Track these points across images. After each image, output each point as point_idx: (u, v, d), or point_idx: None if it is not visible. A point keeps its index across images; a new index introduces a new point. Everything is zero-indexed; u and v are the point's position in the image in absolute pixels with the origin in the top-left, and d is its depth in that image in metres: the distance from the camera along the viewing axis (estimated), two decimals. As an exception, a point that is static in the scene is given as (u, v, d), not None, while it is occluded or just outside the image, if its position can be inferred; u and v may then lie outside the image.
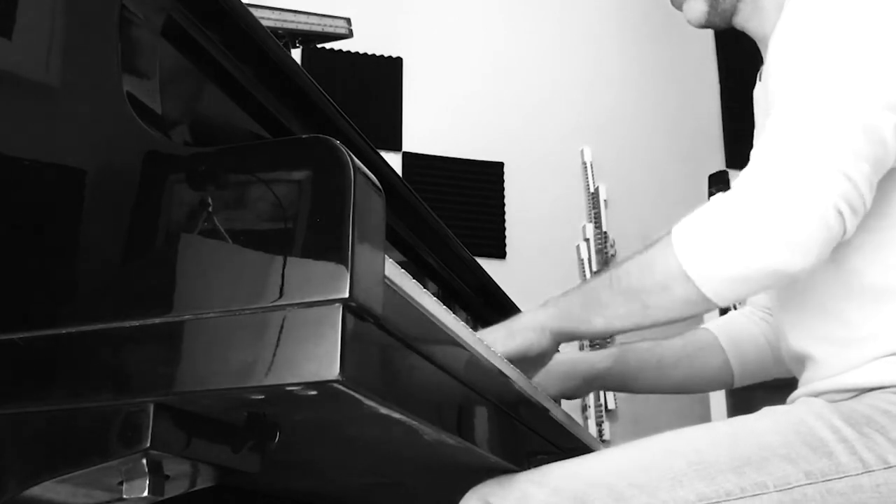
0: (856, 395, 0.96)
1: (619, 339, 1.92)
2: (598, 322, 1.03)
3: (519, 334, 1.07)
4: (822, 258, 0.91)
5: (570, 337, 1.09)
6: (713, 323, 1.42)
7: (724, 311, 2.60)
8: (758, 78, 1.21)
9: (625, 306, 1.01)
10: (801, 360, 1.07)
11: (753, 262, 0.90)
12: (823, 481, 0.87)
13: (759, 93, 1.21)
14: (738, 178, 0.96)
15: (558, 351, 1.35)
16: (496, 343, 1.04)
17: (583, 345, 2.95)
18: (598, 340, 3.13)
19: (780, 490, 0.87)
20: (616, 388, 1.40)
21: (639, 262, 1.00)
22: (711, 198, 0.98)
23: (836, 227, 0.89)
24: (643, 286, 0.99)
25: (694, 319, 1.11)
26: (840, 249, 0.94)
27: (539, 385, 1.26)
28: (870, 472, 0.87)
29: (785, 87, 0.98)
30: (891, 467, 0.87)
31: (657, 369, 1.35)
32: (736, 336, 1.36)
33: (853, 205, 0.89)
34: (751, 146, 1.17)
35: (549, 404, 1.12)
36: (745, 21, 1.18)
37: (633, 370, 1.34)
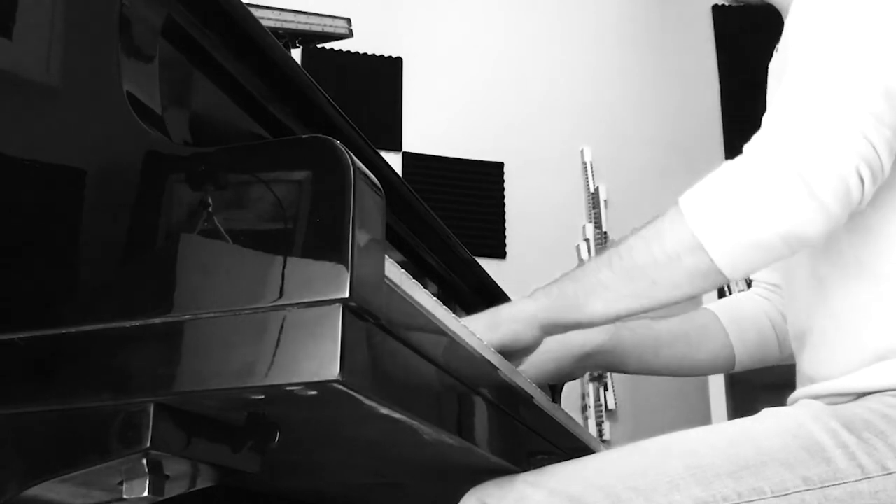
0: (855, 399, 0.96)
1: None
2: (597, 306, 0.96)
3: (503, 325, 1.00)
4: (839, 223, 0.87)
5: (563, 327, 1.01)
6: (714, 303, 1.37)
7: (721, 296, 2.59)
8: (775, 50, 1.20)
9: (628, 285, 0.94)
10: (806, 341, 1.06)
11: (770, 226, 0.86)
12: (821, 487, 0.86)
13: (774, 65, 1.18)
14: (750, 142, 0.91)
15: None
16: (476, 333, 0.97)
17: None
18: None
19: (778, 496, 0.86)
20: (610, 368, 1.34)
21: (644, 236, 0.94)
22: (722, 165, 0.92)
23: (856, 191, 0.85)
24: (650, 260, 0.92)
25: (693, 301, 1.05)
26: (863, 234, 0.92)
27: (529, 369, 1.23)
28: (869, 478, 0.86)
29: (801, 51, 0.94)
30: (890, 474, 0.86)
31: (653, 347, 1.30)
32: (738, 316, 1.32)
33: (873, 169, 0.86)
34: None
35: (554, 411, 1.11)
36: None
37: (627, 347, 1.29)
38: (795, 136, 0.87)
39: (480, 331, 0.97)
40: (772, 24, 1.17)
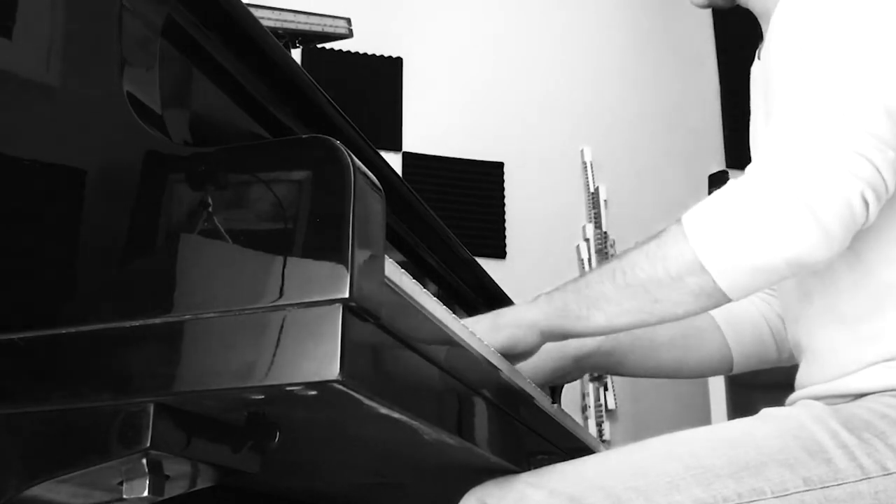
0: (855, 399, 0.96)
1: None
2: (599, 318, 0.97)
3: (505, 329, 1.01)
4: (843, 246, 0.87)
5: (563, 335, 1.03)
6: None
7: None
8: (756, 56, 1.19)
9: (631, 300, 0.95)
10: (802, 351, 1.07)
11: (776, 252, 0.87)
12: (821, 488, 0.86)
13: (756, 71, 1.18)
14: (751, 164, 0.92)
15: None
16: (478, 335, 0.96)
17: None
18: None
19: (778, 497, 0.86)
20: (607, 370, 1.35)
21: (647, 253, 0.95)
22: (726, 184, 0.92)
23: (861, 214, 0.86)
24: (653, 278, 0.93)
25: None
26: (853, 243, 0.91)
27: (526, 370, 1.23)
28: (868, 478, 0.86)
29: (794, 70, 0.94)
30: (890, 474, 0.86)
31: (650, 349, 1.30)
32: (734, 319, 1.31)
33: (878, 191, 0.86)
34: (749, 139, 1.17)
35: (554, 411, 1.11)
36: None
37: (624, 348, 1.29)
38: (799, 162, 0.87)
39: (482, 333, 0.97)
40: (772, 25, 1.16)
